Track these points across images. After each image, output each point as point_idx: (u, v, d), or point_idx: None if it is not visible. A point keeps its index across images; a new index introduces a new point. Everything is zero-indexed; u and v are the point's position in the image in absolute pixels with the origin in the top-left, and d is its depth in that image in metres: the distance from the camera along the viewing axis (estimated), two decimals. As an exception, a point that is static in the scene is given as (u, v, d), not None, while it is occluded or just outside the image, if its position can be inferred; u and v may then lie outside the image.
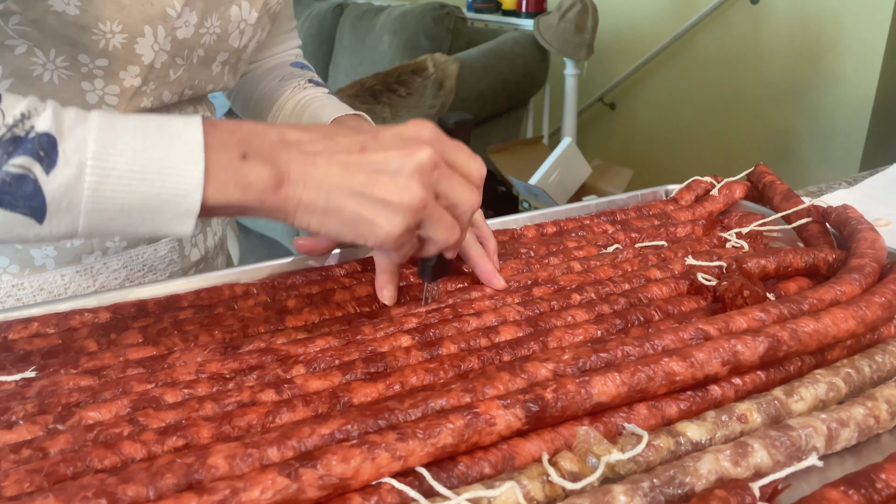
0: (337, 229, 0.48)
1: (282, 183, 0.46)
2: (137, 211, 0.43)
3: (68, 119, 0.42)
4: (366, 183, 0.47)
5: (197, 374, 0.49)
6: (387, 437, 0.39)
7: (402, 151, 0.48)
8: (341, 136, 0.48)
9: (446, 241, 0.52)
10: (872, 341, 0.55)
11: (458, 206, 0.51)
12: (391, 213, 0.47)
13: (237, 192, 0.45)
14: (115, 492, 0.36)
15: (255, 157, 0.45)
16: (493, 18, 2.92)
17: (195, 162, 0.43)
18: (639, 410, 0.46)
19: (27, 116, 0.41)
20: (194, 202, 0.43)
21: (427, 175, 0.48)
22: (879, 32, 2.20)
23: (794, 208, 0.73)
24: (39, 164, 0.41)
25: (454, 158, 0.51)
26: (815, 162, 2.47)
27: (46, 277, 0.68)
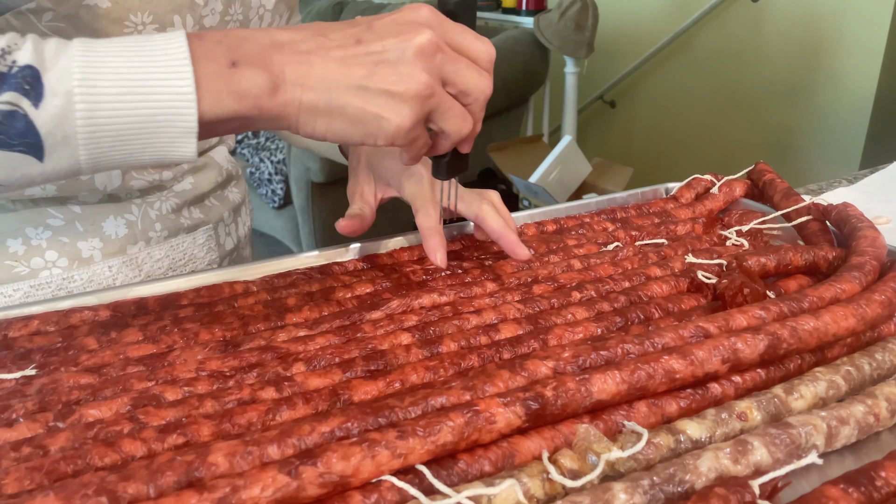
0: (343, 130, 0.46)
1: (278, 87, 0.44)
2: (135, 135, 0.42)
3: (49, 49, 0.41)
4: (366, 76, 0.45)
5: (197, 371, 0.49)
6: (387, 435, 0.39)
7: (401, 38, 0.45)
8: (334, 30, 0.46)
9: (459, 133, 0.49)
10: (872, 339, 0.55)
11: (468, 94, 0.48)
12: (397, 104, 0.45)
13: (233, 102, 0.43)
14: (116, 489, 0.36)
15: (245, 63, 0.43)
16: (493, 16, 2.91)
17: (183, 76, 0.42)
18: (639, 408, 0.46)
19: (7, 52, 0.41)
20: (190, 118, 0.42)
21: (430, 59, 0.45)
22: (879, 31, 2.19)
23: (794, 206, 0.73)
24: (26, 97, 0.40)
25: (459, 41, 0.48)
26: (816, 160, 2.47)
27: (95, 269, 0.69)
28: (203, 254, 0.78)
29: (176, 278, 0.65)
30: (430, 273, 0.65)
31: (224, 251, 0.81)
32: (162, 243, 0.74)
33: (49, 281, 0.68)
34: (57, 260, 0.68)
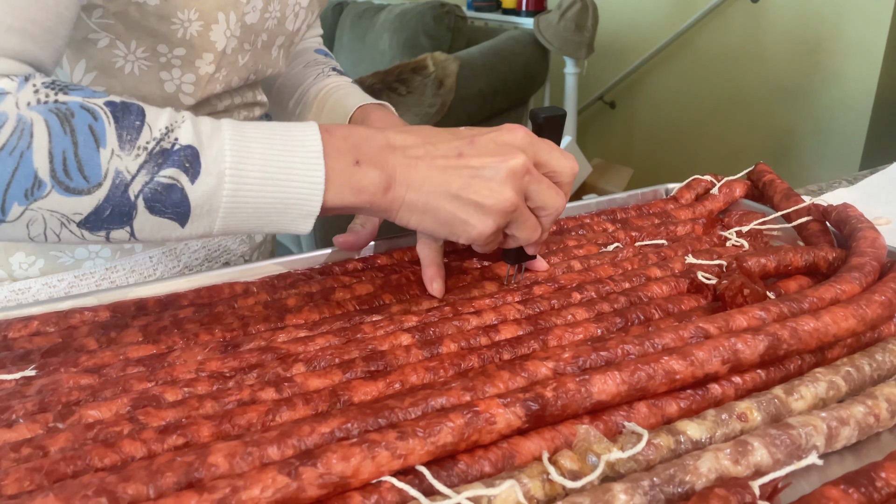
0: (433, 227, 0.53)
1: (390, 186, 0.50)
2: (266, 213, 0.48)
3: (206, 131, 0.46)
4: (462, 187, 0.51)
5: (197, 372, 0.49)
6: (387, 436, 0.39)
7: (497, 158, 0.51)
8: (441, 141, 0.52)
9: (528, 240, 0.56)
10: (872, 340, 0.55)
11: (544, 209, 0.54)
12: (484, 215, 0.51)
13: (352, 196, 0.49)
14: (116, 490, 0.36)
15: (366, 162, 0.50)
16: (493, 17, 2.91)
17: (317, 169, 0.48)
18: (639, 409, 0.46)
19: (171, 130, 0.45)
20: (315, 205, 0.48)
21: (519, 180, 0.51)
22: (879, 32, 2.19)
23: (794, 207, 0.73)
24: (185, 174, 0.45)
25: (546, 159, 0.54)
26: (816, 161, 2.47)
27: (136, 259, 0.72)
28: (236, 245, 0.80)
29: (176, 279, 0.65)
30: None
31: (254, 244, 0.84)
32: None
33: (93, 271, 0.70)
34: (100, 250, 0.70)
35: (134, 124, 0.45)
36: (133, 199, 0.45)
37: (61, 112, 0.43)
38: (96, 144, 0.43)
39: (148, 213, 0.46)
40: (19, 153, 0.42)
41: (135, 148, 0.44)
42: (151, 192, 0.45)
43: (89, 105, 0.44)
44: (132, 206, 0.45)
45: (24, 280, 0.69)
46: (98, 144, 0.43)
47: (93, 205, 0.44)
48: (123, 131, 0.44)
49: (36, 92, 0.44)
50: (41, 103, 0.43)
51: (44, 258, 0.68)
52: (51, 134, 0.43)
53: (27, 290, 0.69)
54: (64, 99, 0.44)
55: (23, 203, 0.43)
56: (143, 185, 0.45)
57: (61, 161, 0.43)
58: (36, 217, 0.44)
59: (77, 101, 0.44)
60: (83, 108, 0.44)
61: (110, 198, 0.44)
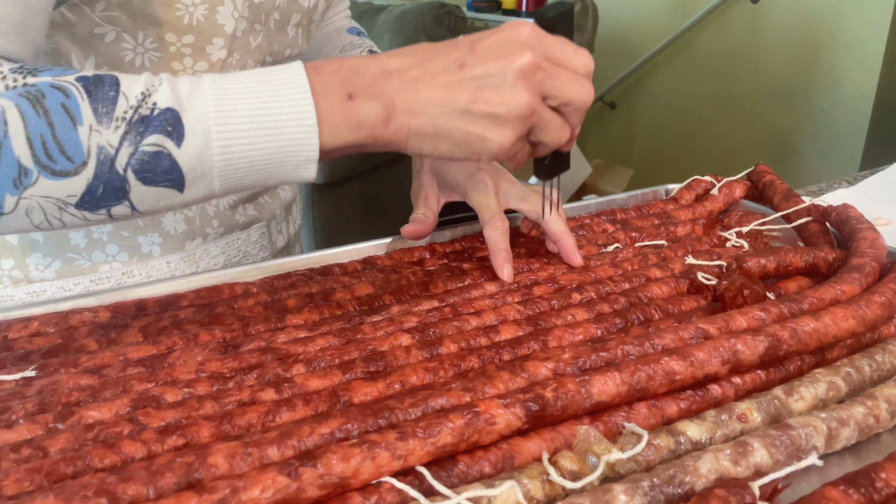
0: (449, 150, 0.49)
1: (390, 116, 0.47)
2: (263, 165, 0.46)
3: (184, 90, 0.44)
4: (471, 101, 0.47)
5: (197, 373, 0.49)
6: (387, 437, 0.39)
7: (502, 61, 0.47)
8: (439, 55, 0.48)
9: (557, 142, 0.51)
10: (872, 340, 0.55)
11: (568, 104, 0.50)
12: (500, 125, 0.47)
13: (350, 133, 0.46)
14: (115, 491, 0.36)
15: (360, 95, 0.46)
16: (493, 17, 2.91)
17: (306, 110, 0.45)
18: (639, 410, 0.46)
19: (148, 95, 0.43)
20: (313, 149, 0.45)
21: (530, 79, 0.47)
22: (879, 32, 2.19)
23: (794, 207, 0.73)
24: (170, 138, 0.43)
25: (558, 56, 0.49)
26: (815, 161, 2.47)
27: (153, 264, 0.71)
28: (256, 251, 0.79)
29: (176, 279, 0.65)
30: (430, 274, 0.65)
31: (276, 248, 0.83)
32: (218, 240, 0.75)
33: (109, 275, 0.69)
34: (117, 254, 0.69)
35: (108, 95, 0.43)
36: (122, 172, 0.43)
37: (31, 94, 0.42)
38: (73, 122, 0.42)
39: (141, 184, 0.44)
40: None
41: (113, 120, 0.42)
42: (139, 162, 0.43)
43: (59, 83, 0.43)
44: (123, 181, 0.43)
45: (41, 282, 0.68)
46: (74, 122, 0.42)
47: (83, 185, 0.43)
48: (98, 104, 0.42)
49: (3, 79, 0.42)
50: (10, 89, 0.42)
51: (60, 260, 0.67)
52: (24, 118, 0.41)
53: (42, 293, 0.68)
54: (33, 81, 0.43)
55: (14, 193, 0.42)
56: (129, 157, 0.43)
57: (41, 144, 0.42)
58: (32, 205, 0.43)
59: (47, 81, 0.43)
60: (53, 87, 0.42)
61: (99, 175, 0.43)
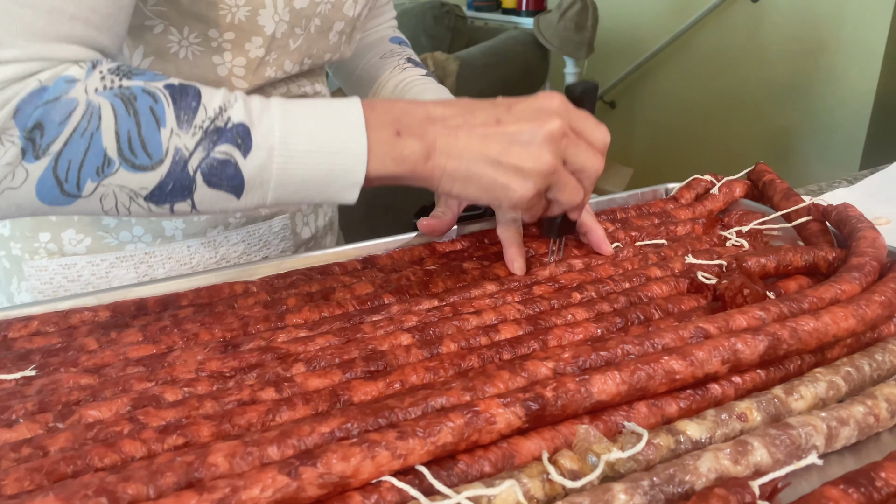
0: (475, 193, 0.54)
1: (430, 155, 0.52)
2: (314, 184, 0.51)
3: (256, 109, 0.50)
4: (501, 152, 0.52)
5: (197, 372, 0.49)
6: (387, 436, 0.39)
7: (535, 123, 0.52)
8: (479, 110, 0.54)
9: (571, 203, 0.57)
10: (872, 340, 0.55)
11: (583, 171, 0.55)
12: (524, 178, 0.53)
13: (393, 165, 0.52)
14: (116, 490, 0.36)
15: (407, 133, 0.52)
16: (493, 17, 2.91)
17: (359, 141, 0.50)
18: (639, 409, 0.46)
19: (224, 109, 0.49)
20: (359, 175, 0.51)
21: (556, 143, 0.53)
22: (879, 32, 2.19)
23: (794, 207, 0.73)
24: (238, 150, 0.49)
25: (581, 127, 0.55)
26: (816, 160, 2.47)
27: (174, 247, 0.74)
28: (278, 241, 0.81)
29: (176, 279, 0.65)
30: (430, 274, 0.65)
31: (300, 240, 0.84)
32: (240, 228, 0.77)
33: (133, 254, 0.73)
34: (143, 235, 0.73)
35: (191, 105, 0.48)
36: (192, 174, 0.48)
37: (125, 96, 0.47)
38: (157, 125, 0.47)
39: (206, 186, 0.49)
40: (90, 134, 0.46)
41: (192, 127, 0.48)
42: (208, 167, 0.48)
43: (150, 88, 0.48)
44: (191, 181, 0.49)
45: (72, 256, 0.72)
46: (159, 125, 0.47)
47: (156, 180, 0.48)
48: (181, 112, 0.48)
49: (102, 78, 0.48)
50: (107, 89, 0.47)
51: (91, 237, 0.72)
52: (116, 116, 0.47)
53: (73, 266, 0.73)
54: (127, 84, 0.48)
55: (95, 180, 0.47)
56: (200, 161, 0.48)
57: (126, 140, 0.47)
58: (107, 192, 0.48)
59: (139, 86, 0.48)
60: (145, 92, 0.48)
61: (171, 173, 0.48)
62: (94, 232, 0.72)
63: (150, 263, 0.74)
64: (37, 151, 0.46)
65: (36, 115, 0.45)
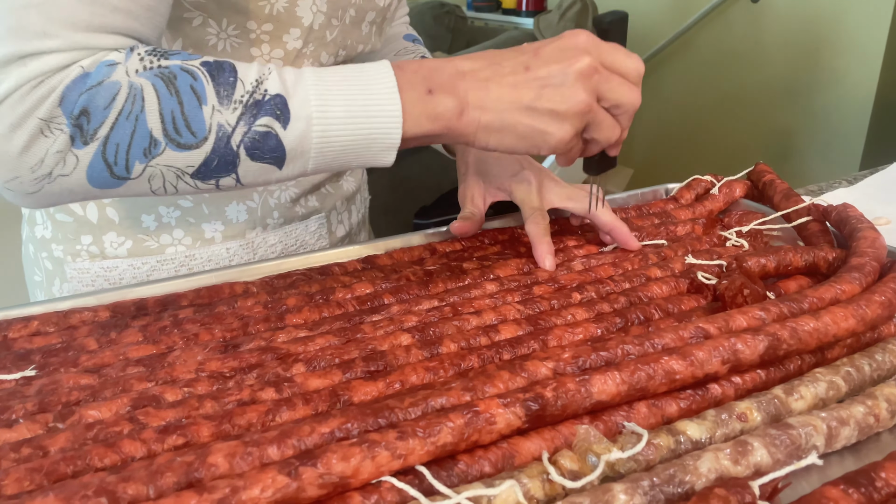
0: (513, 143, 0.54)
1: (463, 110, 0.53)
2: (353, 149, 0.52)
3: (290, 79, 0.50)
4: (535, 98, 0.52)
5: (197, 372, 0.49)
6: (387, 436, 0.39)
7: (563, 64, 0.52)
8: (506, 59, 0.54)
9: (608, 140, 0.56)
10: (872, 340, 0.55)
11: (619, 106, 0.55)
12: (560, 121, 0.53)
13: (429, 123, 0.52)
14: (116, 490, 0.36)
15: (439, 90, 0.52)
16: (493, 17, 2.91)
17: (393, 102, 0.51)
18: (639, 409, 0.46)
19: (260, 82, 0.50)
20: (396, 136, 0.52)
21: (588, 80, 0.53)
22: (879, 32, 2.19)
23: (794, 207, 0.73)
24: (278, 121, 0.49)
25: (612, 60, 0.54)
26: (816, 161, 2.47)
27: (214, 250, 0.75)
28: (314, 240, 0.82)
29: (176, 279, 0.65)
30: (430, 274, 0.65)
31: (335, 238, 0.85)
32: (277, 229, 0.78)
33: (174, 257, 0.74)
34: (182, 238, 0.74)
35: (228, 80, 0.49)
36: (235, 148, 0.49)
37: (165, 76, 0.48)
38: (199, 102, 0.48)
39: (249, 160, 0.50)
40: (134, 117, 0.47)
41: (232, 102, 0.49)
42: (250, 140, 0.49)
43: (188, 67, 0.49)
44: (235, 155, 0.49)
45: (113, 259, 0.73)
46: (200, 102, 0.48)
47: (202, 157, 0.49)
48: (220, 88, 0.49)
49: (141, 60, 0.49)
50: (147, 70, 0.48)
51: (132, 240, 0.73)
52: (159, 96, 0.48)
53: (115, 269, 0.74)
54: (165, 63, 0.49)
55: (143, 161, 0.48)
56: (242, 135, 0.49)
57: (171, 120, 0.48)
58: (155, 173, 0.49)
59: (177, 64, 0.49)
60: (183, 70, 0.49)
61: (216, 149, 0.49)
62: (134, 235, 0.73)
63: (191, 266, 0.75)
64: (85, 137, 0.47)
65: (81, 102, 0.46)
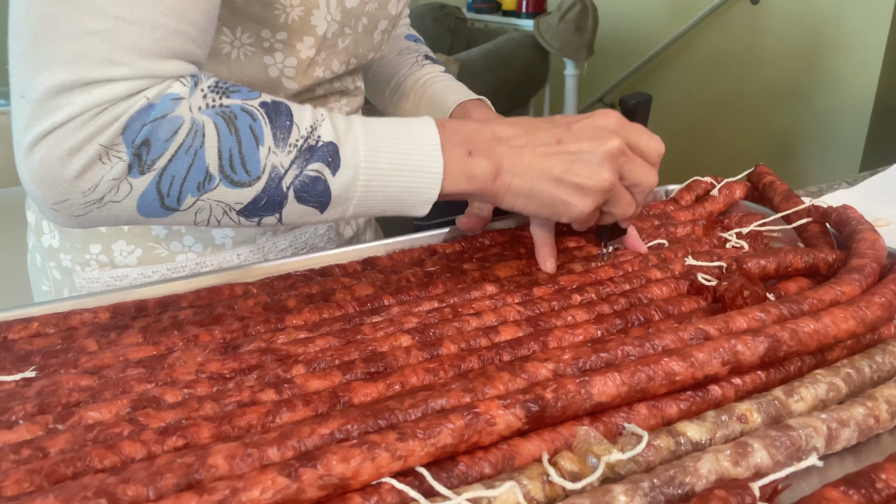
0: (537, 209, 0.58)
1: (498, 173, 0.55)
2: (392, 200, 0.54)
3: (342, 127, 0.52)
4: (564, 171, 0.56)
5: (197, 373, 0.49)
6: (387, 437, 0.39)
7: (594, 142, 0.56)
8: (541, 130, 0.57)
9: (623, 215, 0.60)
10: (872, 341, 0.55)
11: (638, 186, 0.59)
12: (584, 195, 0.56)
13: (465, 183, 0.55)
14: (115, 492, 0.36)
15: (477, 153, 0.55)
16: (493, 19, 2.92)
17: (436, 160, 0.53)
18: (639, 410, 0.46)
19: (314, 128, 0.51)
20: (434, 192, 0.54)
21: (615, 161, 0.56)
22: (879, 33, 2.20)
23: (794, 208, 0.73)
24: (328, 168, 0.51)
25: (636, 141, 0.58)
26: (815, 162, 2.47)
27: (224, 256, 0.75)
28: (323, 243, 0.83)
29: (176, 280, 0.65)
30: (430, 275, 0.65)
31: (343, 239, 0.86)
32: (286, 234, 0.79)
33: (184, 265, 0.74)
34: (193, 245, 0.74)
35: (285, 124, 0.50)
36: (285, 190, 0.51)
37: (226, 115, 0.49)
38: (256, 143, 0.49)
39: (296, 202, 0.51)
40: (193, 152, 0.48)
41: (287, 145, 0.50)
42: (301, 183, 0.51)
43: (248, 107, 0.50)
44: (284, 197, 0.51)
45: (123, 268, 0.73)
46: (258, 143, 0.49)
47: (252, 195, 0.50)
48: (277, 130, 0.50)
49: (204, 97, 0.50)
50: (209, 107, 0.49)
51: (142, 248, 0.73)
52: (219, 135, 0.49)
53: (125, 277, 0.74)
54: (227, 102, 0.50)
55: (195, 195, 0.49)
56: (293, 178, 0.50)
57: (228, 158, 0.49)
58: (204, 206, 0.50)
59: (238, 104, 0.50)
60: (243, 111, 0.50)
61: (267, 189, 0.50)
62: (144, 243, 0.73)
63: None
64: (142, 167, 0.47)
65: (144, 132, 0.47)
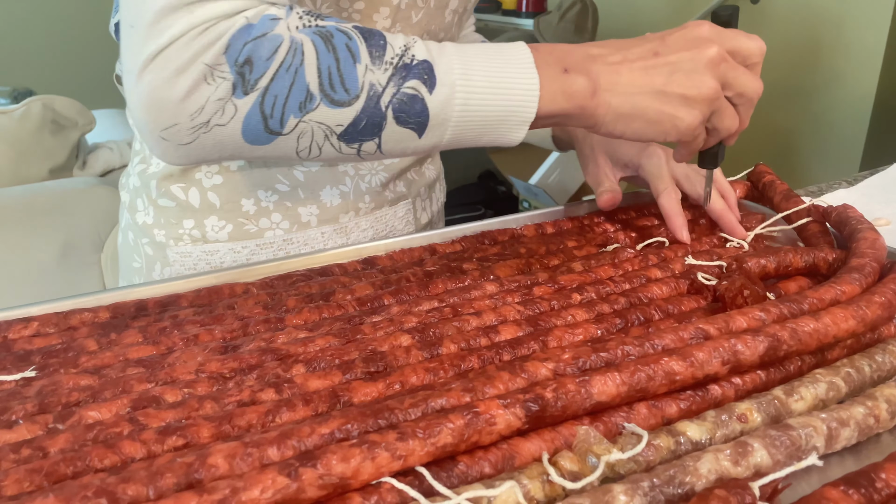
0: (641, 129, 0.55)
1: (596, 91, 0.53)
2: (489, 122, 0.53)
3: (434, 48, 0.52)
4: (666, 82, 0.53)
5: (197, 373, 0.49)
6: (387, 437, 0.39)
7: (693, 51, 0.54)
8: (634, 45, 0.55)
9: (729, 130, 0.58)
10: (872, 341, 0.55)
11: (743, 95, 0.56)
12: (690, 106, 0.54)
13: (563, 101, 0.53)
14: (115, 491, 0.36)
15: (573, 70, 0.53)
16: (493, 18, 2.91)
17: (532, 77, 0.52)
18: (639, 410, 0.46)
19: (408, 47, 0.51)
20: (531, 111, 0.52)
21: (717, 68, 0.54)
22: (879, 32, 2.19)
23: (794, 208, 0.73)
24: (425, 85, 0.50)
25: (735, 45, 0.56)
26: (815, 162, 2.47)
27: (310, 234, 0.78)
28: (402, 226, 0.85)
29: (176, 280, 0.65)
30: (430, 275, 0.65)
31: (420, 224, 0.88)
32: (368, 214, 0.81)
33: (272, 241, 0.76)
34: (280, 222, 0.76)
35: (379, 43, 0.50)
36: (384, 109, 0.50)
37: (323, 33, 0.50)
38: (353, 60, 0.49)
39: (395, 123, 0.51)
40: (294, 70, 0.48)
41: (383, 63, 0.50)
42: (399, 102, 0.50)
43: (343, 28, 0.50)
44: (383, 117, 0.50)
45: (215, 243, 0.76)
46: (355, 60, 0.49)
47: (352, 116, 0.50)
48: (372, 49, 0.50)
49: (300, 18, 0.50)
50: (306, 27, 0.50)
51: (233, 224, 0.75)
52: (318, 52, 0.49)
53: (216, 252, 0.76)
54: (322, 23, 0.50)
55: (297, 115, 0.49)
56: (391, 97, 0.50)
57: (327, 76, 0.49)
58: (306, 129, 0.50)
59: (333, 25, 0.51)
60: (339, 31, 0.50)
61: (366, 108, 0.50)
62: (235, 219, 0.75)
63: (288, 250, 0.77)
64: (246, 86, 0.47)
65: (246, 51, 0.47)
